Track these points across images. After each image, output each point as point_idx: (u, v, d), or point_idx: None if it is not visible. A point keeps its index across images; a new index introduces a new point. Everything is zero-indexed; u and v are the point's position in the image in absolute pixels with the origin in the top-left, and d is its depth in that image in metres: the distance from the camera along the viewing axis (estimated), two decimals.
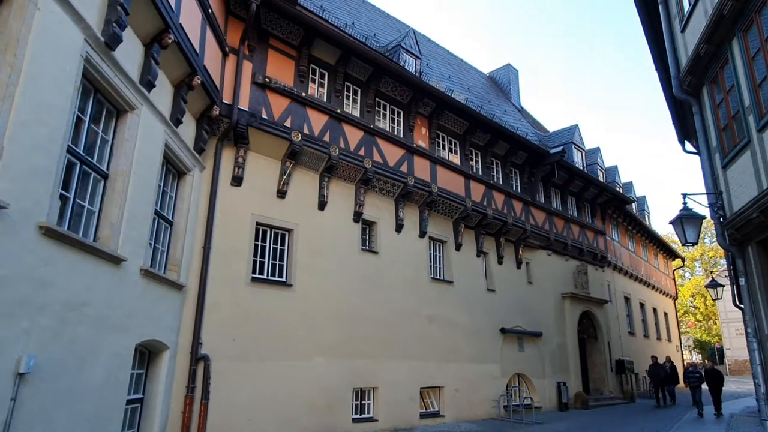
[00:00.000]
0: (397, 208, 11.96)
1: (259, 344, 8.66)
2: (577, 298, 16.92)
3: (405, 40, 13.76)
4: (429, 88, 12.27)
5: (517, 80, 25.02)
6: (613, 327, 19.48)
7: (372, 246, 11.38)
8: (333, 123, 10.51)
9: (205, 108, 8.30)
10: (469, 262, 13.74)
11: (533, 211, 15.99)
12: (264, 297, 8.97)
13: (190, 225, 8.08)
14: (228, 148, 9.08)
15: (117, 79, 5.67)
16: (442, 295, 12.52)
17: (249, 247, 8.97)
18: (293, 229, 9.77)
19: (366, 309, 10.58)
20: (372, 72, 11.38)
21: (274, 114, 9.46)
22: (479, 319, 13.34)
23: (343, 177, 10.87)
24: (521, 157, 15.76)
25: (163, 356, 7.29)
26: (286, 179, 9.69)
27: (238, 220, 8.94)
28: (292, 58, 10.10)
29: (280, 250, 9.66)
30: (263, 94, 9.35)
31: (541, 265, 16.37)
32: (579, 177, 17.92)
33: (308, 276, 9.74)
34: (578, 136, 20.51)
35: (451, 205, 13.03)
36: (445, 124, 13.51)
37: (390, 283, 11.29)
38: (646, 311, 24.37)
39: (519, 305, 14.99)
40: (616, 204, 20.87)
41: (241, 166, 9.11)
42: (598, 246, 19.29)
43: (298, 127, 9.78)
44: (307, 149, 9.90)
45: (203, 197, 8.53)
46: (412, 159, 12.17)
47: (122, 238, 5.84)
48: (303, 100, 9.93)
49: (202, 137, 8.28)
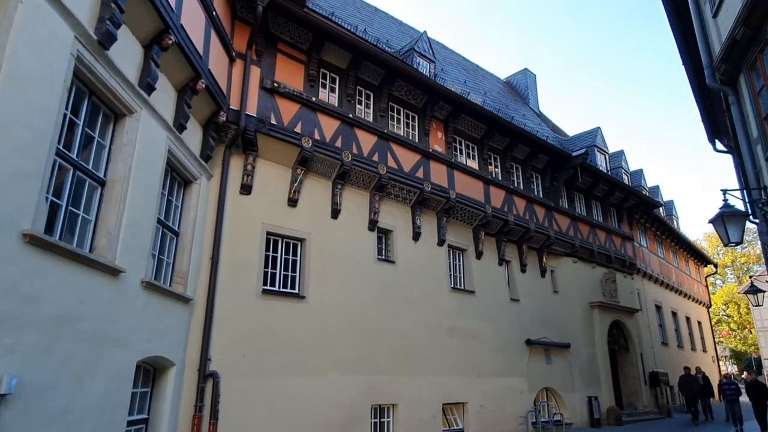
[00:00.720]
0: (413, 215, 11.50)
1: (270, 360, 8.24)
2: (605, 307, 16.12)
3: (418, 44, 13.42)
4: (444, 90, 11.87)
5: (535, 85, 24.47)
6: (645, 337, 18.55)
7: (388, 255, 10.92)
8: (345, 128, 10.16)
9: (211, 114, 8.03)
10: (490, 271, 13.16)
11: (556, 216, 15.34)
12: (276, 310, 8.57)
13: (197, 235, 7.76)
14: (236, 155, 8.79)
15: (113, 80, 5.39)
16: (464, 306, 11.95)
17: (259, 258, 8.61)
18: (305, 239, 9.39)
19: (383, 321, 10.09)
20: (384, 75, 11.04)
21: (284, 120, 9.15)
22: (503, 331, 12.71)
23: (357, 184, 10.48)
24: (542, 160, 15.19)
25: (169, 373, 6.91)
26: (297, 187, 9.34)
27: (248, 229, 8.60)
28: (301, 62, 9.82)
29: (292, 260, 9.28)
30: (272, 100, 9.06)
31: (567, 273, 15.67)
32: (603, 180, 17.22)
33: (322, 287, 9.32)
34: (601, 139, 19.83)
35: (470, 211, 12.51)
36: (462, 128, 13.06)
37: (408, 293, 10.79)
38: (678, 320, 23.27)
39: (545, 315, 14.29)
40: (644, 208, 20.04)
41: (250, 173, 8.79)
42: (626, 252, 18.46)
43: (309, 133, 9.45)
44: (319, 155, 9.56)
45: (211, 206, 8.22)
46: (428, 164, 11.73)
47: (121, 248, 5.51)
48: (313, 105, 9.61)
49: (208, 144, 7.99)
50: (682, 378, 16.36)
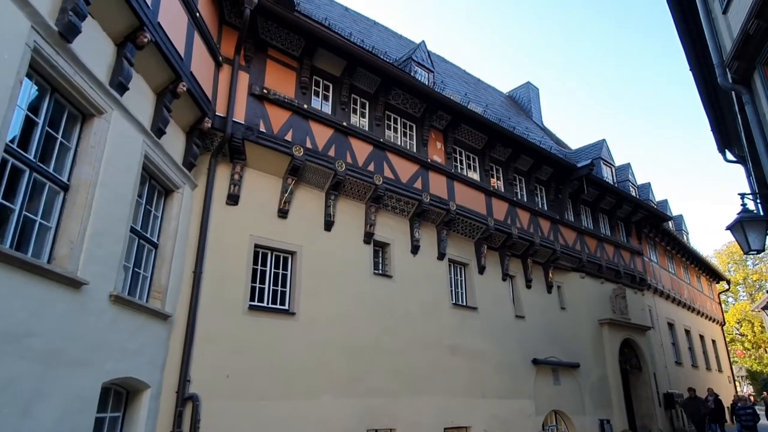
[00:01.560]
0: (412, 228, 11.01)
1: (257, 381, 7.68)
2: (616, 325, 15.42)
3: (416, 53, 13.12)
4: (443, 98, 11.49)
5: (538, 98, 24.17)
6: (658, 356, 17.75)
7: (385, 269, 10.40)
8: (339, 137, 9.76)
9: (195, 121, 7.65)
10: (494, 287, 12.58)
11: (562, 230, 14.79)
12: (263, 327, 8.05)
13: (179, 248, 7.30)
14: (223, 164, 8.38)
15: (79, 77, 5.01)
16: (466, 323, 11.36)
17: (246, 272, 8.12)
18: (296, 252, 8.91)
19: (380, 339, 9.52)
20: (380, 83, 10.68)
21: (274, 127, 8.77)
22: (508, 350, 12.07)
23: (352, 195, 10.04)
24: (546, 172, 14.71)
25: (144, 396, 6.37)
26: (287, 197, 8.90)
27: (234, 242, 8.14)
28: (293, 69, 9.49)
29: (282, 274, 8.78)
30: (261, 107, 8.70)
31: (574, 288, 15.04)
32: (610, 193, 16.68)
33: (314, 303, 8.79)
34: (606, 151, 19.35)
35: (471, 224, 12.01)
36: (462, 139, 12.64)
37: (407, 310, 10.24)
38: (692, 338, 22.39)
39: (552, 333, 13.63)
40: (653, 222, 19.43)
41: (238, 183, 8.37)
42: (636, 267, 17.81)
43: (300, 141, 9.05)
44: (311, 165, 9.14)
45: (194, 217, 7.78)
46: (427, 175, 11.28)
47: (85, 259, 5.05)
48: (305, 113, 9.24)
49: (192, 152, 7.59)
50: (687, 401, 15.20)
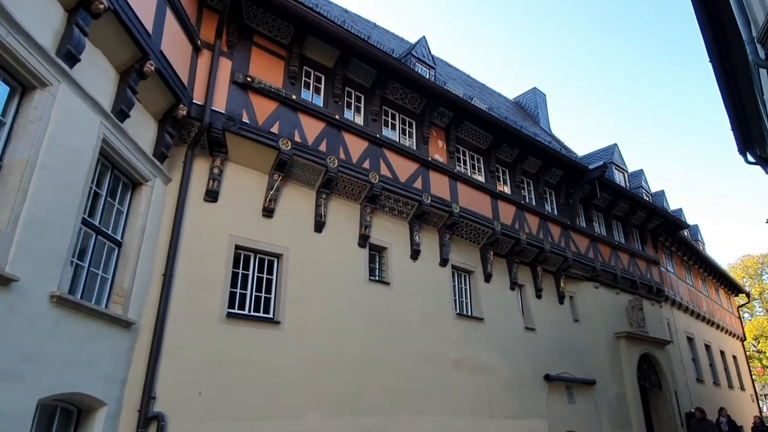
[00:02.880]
0: (411, 231, 10.19)
1: (234, 398, 6.83)
2: (633, 338, 14.38)
3: (416, 49, 12.46)
4: (444, 93, 10.75)
5: (545, 104, 23.39)
6: (678, 373, 16.61)
7: (382, 275, 9.56)
8: (331, 131, 9.03)
9: (168, 108, 6.95)
10: (501, 296, 11.68)
11: (574, 236, 13.89)
12: (243, 337, 7.22)
13: (147, 247, 6.54)
14: (201, 157, 7.66)
15: (17, 42, 4.33)
16: (471, 335, 10.44)
17: (225, 276, 7.33)
18: (283, 255, 8.11)
19: (376, 352, 8.65)
20: (377, 76, 9.98)
21: (258, 118, 8.06)
22: (518, 364, 11.11)
23: (345, 194, 9.27)
24: (556, 175, 13.88)
25: (98, 416, 5.56)
26: (273, 195, 8.14)
27: (212, 242, 7.36)
28: (281, 58, 8.82)
29: (266, 279, 7.98)
30: (244, 96, 8.00)
31: (588, 299, 14.07)
32: (624, 198, 15.79)
33: (301, 311, 7.96)
34: (618, 156, 18.51)
35: (476, 228, 11.17)
36: (465, 137, 11.88)
37: (406, 320, 9.37)
38: (713, 354, 21.16)
39: (565, 347, 12.65)
40: (669, 230, 18.45)
41: (217, 178, 7.63)
42: (653, 277, 16.79)
43: (288, 135, 8.32)
44: (299, 160, 8.40)
45: (167, 214, 7.03)
46: (428, 174, 10.50)
47: (15, 251, 4.30)
48: (294, 104, 8.53)
49: (164, 142, 6.87)
50: (693, 423, 13.51)
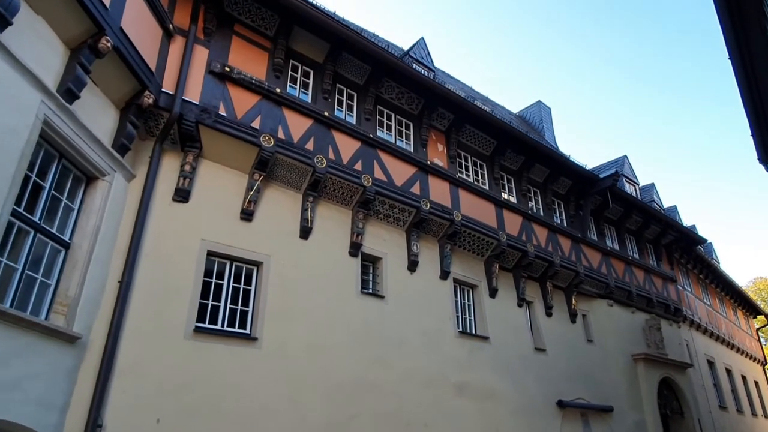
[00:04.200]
0: (409, 240, 9.32)
1: (200, 426, 5.87)
2: (652, 361, 13.28)
3: (414, 50, 11.82)
4: (444, 92, 10.01)
5: (550, 118, 22.71)
6: (700, 399, 15.39)
7: (376, 288, 8.66)
8: (319, 129, 8.27)
9: (132, 94, 6.21)
10: (508, 313, 10.70)
11: (585, 250, 12.96)
12: (213, 355, 6.30)
13: (101, 250, 5.71)
14: (172, 153, 6.89)
15: None
16: (475, 356, 9.45)
17: (194, 286, 6.46)
18: (263, 263, 7.25)
19: (367, 374, 7.69)
20: (371, 73, 9.28)
21: (237, 112, 7.31)
22: (527, 389, 10.06)
23: (335, 198, 8.45)
24: (564, 185, 13.04)
25: None
26: (254, 196, 7.33)
27: (181, 247, 6.52)
28: (265, 49, 8.13)
29: (244, 290, 7.10)
30: (222, 87, 7.27)
31: (602, 318, 13.04)
32: (637, 210, 14.88)
33: (283, 327, 7.05)
34: (629, 169, 17.70)
35: (480, 239, 10.28)
36: (467, 142, 11.10)
37: (402, 338, 8.42)
38: (734, 379, 19.86)
39: (578, 370, 11.59)
40: (684, 246, 17.46)
41: (189, 176, 6.84)
42: (669, 296, 15.73)
43: (271, 131, 7.56)
44: (283, 159, 7.62)
45: (128, 214, 6.22)
46: (426, 179, 9.68)
47: None
48: (278, 98, 7.80)
49: (126, 132, 6.11)
50: None
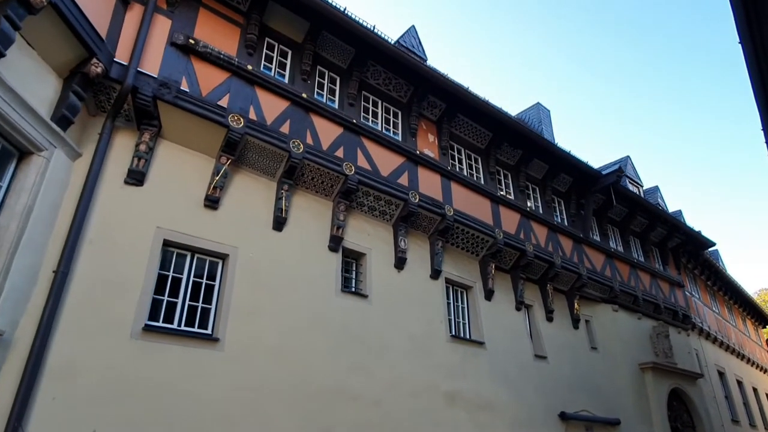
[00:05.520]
0: (396, 235, 8.58)
1: None
2: (661, 370, 12.41)
3: (405, 38, 11.18)
4: (435, 78, 9.32)
5: (550, 120, 21.98)
6: (712, 412, 14.47)
7: (358, 287, 7.89)
8: (296, 112, 7.58)
9: (79, 62, 5.53)
10: (505, 317, 9.91)
11: (587, 251, 12.20)
12: (166, 357, 5.52)
13: (33, 235, 4.98)
14: (126, 131, 6.19)
15: None
16: (469, 363, 8.64)
17: (146, 278, 5.70)
18: (229, 255, 6.50)
19: (347, 381, 6.88)
20: (355, 56, 8.63)
21: (202, 89, 6.62)
22: (527, 399, 9.22)
23: (314, 187, 7.73)
24: (565, 182, 12.33)
25: None
26: (220, 181, 6.61)
27: (131, 234, 5.78)
28: (237, 25, 7.47)
29: (206, 285, 6.34)
30: (185, 61, 6.59)
31: (606, 324, 12.22)
32: (642, 210, 14.13)
33: (250, 327, 6.28)
34: (632, 170, 16.98)
35: (474, 236, 9.54)
36: (460, 134, 10.41)
37: (387, 342, 7.63)
38: (745, 391, 18.91)
39: (582, 379, 10.75)
40: (691, 250, 16.66)
41: (145, 157, 6.13)
42: (677, 302, 14.91)
43: (241, 111, 6.87)
44: (255, 142, 6.92)
45: (71, 196, 5.50)
46: (416, 171, 8.97)
47: None
48: (249, 76, 7.11)
49: (68, 103, 5.41)
50: None
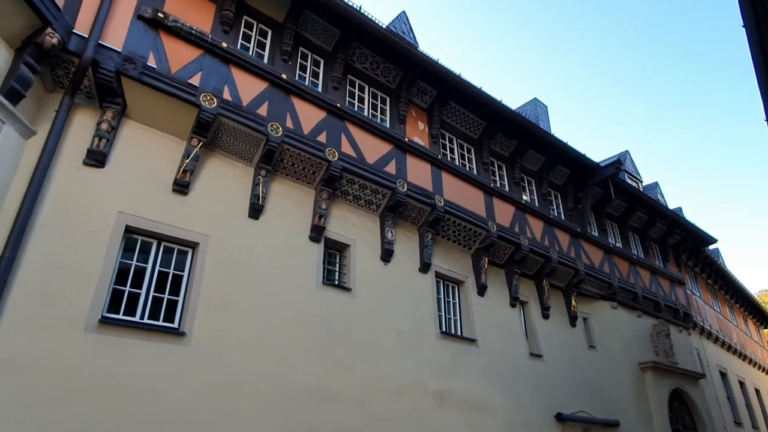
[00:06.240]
0: (383, 226, 8.13)
1: None
2: (661, 370, 11.96)
3: (394, 24, 10.75)
4: (426, 62, 8.87)
5: (547, 116, 21.61)
6: (714, 413, 14.02)
7: (342, 280, 7.45)
8: (275, 93, 7.14)
9: (32, 32, 5.10)
10: (499, 314, 9.46)
11: (585, 246, 11.76)
12: (126, 353, 5.07)
13: None
14: (87, 108, 5.75)
15: None
16: (460, 361, 8.19)
17: (104, 266, 5.25)
18: (200, 244, 6.06)
19: (328, 380, 6.42)
20: (340, 37, 8.20)
21: (171, 66, 6.18)
22: (521, 400, 8.77)
23: (294, 173, 7.29)
24: (561, 174, 11.90)
25: None
26: (191, 165, 6.17)
27: (90, 219, 5.34)
28: (212, 0, 7.05)
29: (174, 276, 5.89)
30: (153, 35, 6.16)
31: (605, 321, 11.78)
32: (641, 205, 13.69)
33: (221, 321, 5.83)
34: (631, 165, 16.56)
35: (466, 228, 9.10)
36: (452, 122, 9.99)
37: (372, 338, 7.18)
38: (747, 392, 18.46)
39: (579, 379, 10.30)
40: (692, 247, 16.22)
41: (107, 136, 5.68)
42: (678, 300, 14.47)
43: (215, 90, 6.43)
44: (229, 123, 6.48)
45: (22, 176, 5.06)
46: (404, 159, 8.54)
47: None
48: (224, 54, 6.68)
49: (19, 75, 4.96)
50: None
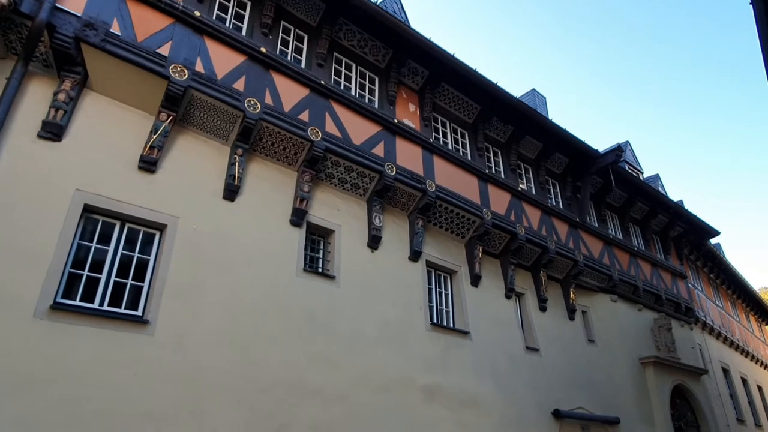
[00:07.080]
0: (370, 211, 7.69)
1: None
2: (663, 365, 11.53)
3: (386, 3, 10.29)
4: (418, 40, 8.39)
5: (546, 108, 21.19)
6: (717, 411, 13.61)
7: (325, 267, 7.00)
8: (253, 68, 6.68)
9: None
10: (494, 306, 9.02)
11: (584, 237, 11.32)
12: (81, 342, 4.63)
13: None
14: (44, 78, 5.30)
15: None
16: (452, 355, 7.75)
17: (58, 248, 4.80)
18: (167, 226, 5.61)
19: (308, 374, 5.98)
20: (325, 11, 7.75)
21: (138, 34, 5.73)
22: (516, 395, 8.34)
23: (274, 153, 6.84)
24: (560, 162, 11.46)
25: None
26: (158, 141, 5.72)
27: (44, 197, 4.89)
28: None
29: (139, 260, 5.45)
30: (118, 1, 5.70)
31: (604, 315, 11.35)
32: (642, 196, 13.25)
33: (188, 309, 5.38)
34: (632, 155, 16.12)
35: (459, 215, 8.66)
36: (445, 105, 9.54)
37: (356, 329, 6.74)
38: (750, 389, 18.06)
39: (578, 374, 9.87)
40: (694, 240, 15.77)
41: (64, 108, 5.23)
42: (680, 293, 14.03)
43: (186, 62, 5.98)
44: (202, 98, 6.03)
45: None
46: (393, 141, 8.09)
47: None
48: (197, 24, 6.22)
49: None
50: None
